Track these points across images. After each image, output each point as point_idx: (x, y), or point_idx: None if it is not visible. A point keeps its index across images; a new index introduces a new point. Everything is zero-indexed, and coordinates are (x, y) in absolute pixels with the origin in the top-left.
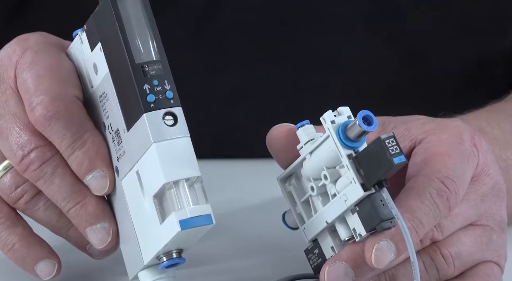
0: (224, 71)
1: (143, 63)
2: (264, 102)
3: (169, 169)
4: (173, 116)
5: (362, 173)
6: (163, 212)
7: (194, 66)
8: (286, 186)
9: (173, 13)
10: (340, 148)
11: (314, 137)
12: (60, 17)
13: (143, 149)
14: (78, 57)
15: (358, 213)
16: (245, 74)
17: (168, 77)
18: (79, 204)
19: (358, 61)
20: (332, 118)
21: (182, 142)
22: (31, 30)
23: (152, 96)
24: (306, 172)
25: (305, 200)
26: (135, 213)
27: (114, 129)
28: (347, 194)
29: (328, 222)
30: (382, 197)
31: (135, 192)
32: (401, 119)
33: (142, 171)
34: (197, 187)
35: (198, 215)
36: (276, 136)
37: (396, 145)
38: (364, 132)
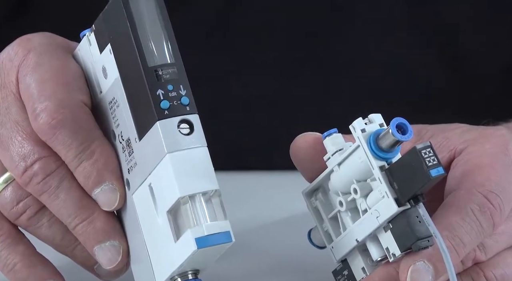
0: (243, 75)
1: (157, 66)
2: (288, 109)
3: (185, 182)
4: (189, 124)
5: (396, 186)
6: (178, 229)
7: (210, 69)
8: (312, 201)
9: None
10: (372, 159)
11: (342, 147)
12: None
13: (156, 160)
14: (86, 59)
15: (391, 231)
16: (266, 79)
17: (184, 81)
18: (86, 220)
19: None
20: (363, 126)
21: (198, 153)
22: (34, 30)
23: (166, 102)
24: (334, 186)
25: (333, 216)
26: (148, 230)
27: (124, 138)
28: (380, 210)
29: (359, 240)
30: (418, 213)
31: (147, 207)
32: (439, 127)
33: (155, 184)
34: (215, 202)
35: (216, 232)
36: (301, 146)
37: (434, 156)
38: (398, 141)
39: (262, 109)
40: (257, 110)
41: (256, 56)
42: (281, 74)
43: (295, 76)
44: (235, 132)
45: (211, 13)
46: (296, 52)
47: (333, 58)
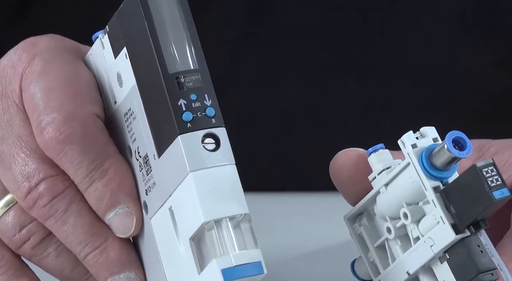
0: (277, 83)
1: (178, 73)
2: (328, 122)
3: (210, 205)
4: (214, 138)
5: (453, 210)
6: (202, 258)
7: (240, 77)
8: (355, 227)
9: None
10: (424, 179)
11: (390, 165)
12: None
13: (178, 180)
14: (99, 65)
15: (448, 262)
16: (304, 87)
17: (209, 90)
18: (98, 248)
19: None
20: (414, 141)
21: (225, 171)
22: (40, 32)
23: (189, 114)
24: (381, 210)
25: (380, 245)
26: (168, 260)
27: (142, 154)
28: (434, 238)
29: (410, 273)
30: (479, 242)
31: (167, 233)
32: (504, 142)
33: (176, 207)
34: (244, 228)
35: (246, 262)
36: (342, 164)
37: (497, 175)
38: (455, 158)
39: (299, 122)
40: (293, 122)
41: (292, 61)
42: (320, 81)
43: (337, 83)
44: (268, 148)
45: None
46: (337, 56)
47: (379, 63)
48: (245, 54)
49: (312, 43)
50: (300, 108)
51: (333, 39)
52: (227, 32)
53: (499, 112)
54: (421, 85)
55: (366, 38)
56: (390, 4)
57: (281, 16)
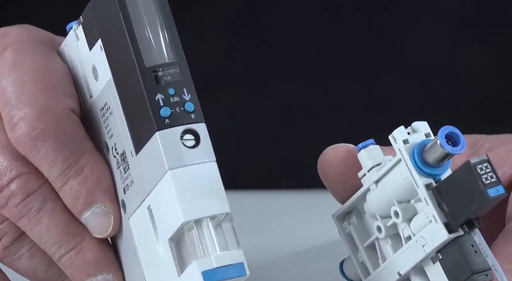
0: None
1: (156, 66)
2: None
3: (189, 204)
4: (194, 134)
5: (445, 209)
6: (182, 260)
7: (233, 74)
8: (344, 226)
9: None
10: (416, 176)
11: (381, 161)
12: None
13: (156, 177)
14: (73, 57)
15: (441, 263)
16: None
17: (188, 84)
18: (74, 249)
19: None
20: (405, 136)
21: (206, 169)
22: (12, 22)
23: (167, 109)
24: (371, 208)
25: (370, 245)
26: (147, 261)
27: (119, 151)
28: (426, 237)
29: (401, 273)
30: (473, 242)
31: (146, 233)
32: (498, 138)
33: (154, 206)
34: (226, 228)
35: (227, 264)
36: (331, 160)
37: (492, 172)
38: (448, 154)
39: (296, 121)
40: (290, 121)
41: (290, 60)
42: (318, 80)
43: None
44: (265, 147)
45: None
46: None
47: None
48: (241, 51)
49: (310, 41)
50: (297, 107)
51: (332, 38)
52: (223, 27)
53: (499, 112)
54: (421, 84)
55: (365, 37)
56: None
57: (279, 13)
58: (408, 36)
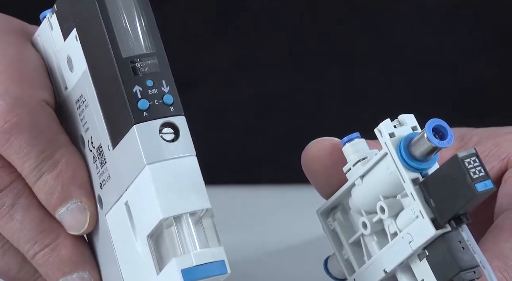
0: (253, 71)
1: (133, 57)
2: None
3: (168, 200)
4: (173, 128)
5: (433, 204)
6: (161, 258)
7: (211, 64)
8: (329, 222)
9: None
10: (402, 171)
11: (366, 155)
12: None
13: (134, 172)
14: (47, 47)
15: (428, 260)
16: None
17: (167, 76)
18: (49, 247)
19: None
20: (392, 130)
21: (185, 163)
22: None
23: (145, 102)
24: (356, 203)
25: (355, 241)
26: (124, 258)
27: (95, 145)
28: (413, 233)
29: (387, 271)
30: (461, 238)
31: (123, 230)
32: (487, 131)
33: (132, 202)
34: (206, 224)
35: (207, 262)
36: (315, 154)
37: (480, 167)
38: (435, 148)
39: (276, 111)
40: (270, 112)
41: (268, 48)
42: (299, 69)
43: (316, 71)
44: (241, 140)
45: None
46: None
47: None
48: (219, 41)
49: (290, 29)
50: (279, 98)
51: (313, 25)
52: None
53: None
54: (405, 73)
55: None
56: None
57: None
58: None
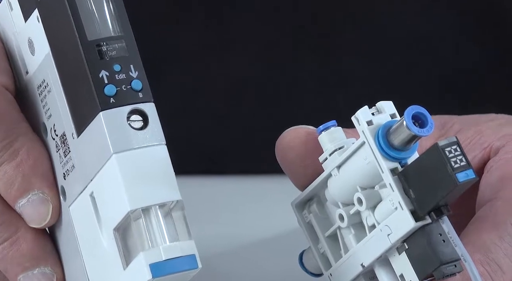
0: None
1: (99, 40)
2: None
3: (136, 191)
4: (142, 115)
5: (412, 195)
6: (128, 252)
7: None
8: (304, 215)
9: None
10: (381, 160)
11: (343, 144)
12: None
13: (100, 162)
14: (7, 29)
15: (407, 253)
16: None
17: (135, 60)
18: (8, 241)
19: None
20: (369, 117)
21: (154, 152)
22: None
23: (112, 87)
24: (333, 195)
25: (332, 234)
26: (89, 253)
27: (59, 133)
28: (392, 226)
29: (365, 265)
30: (441, 230)
31: (88, 223)
32: (469, 119)
33: (98, 193)
34: (177, 217)
35: (177, 256)
36: (289, 143)
37: (461, 156)
38: (415, 136)
39: (248, 99)
40: (242, 99)
41: (241, 33)
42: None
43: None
44: (212, 127)
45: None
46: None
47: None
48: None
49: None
50: (252, 85)
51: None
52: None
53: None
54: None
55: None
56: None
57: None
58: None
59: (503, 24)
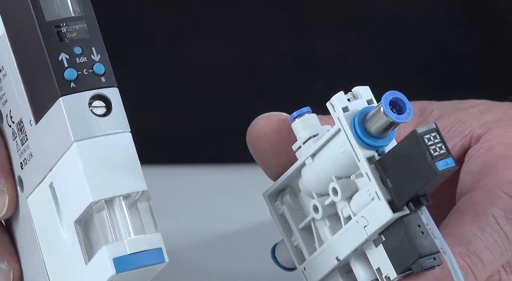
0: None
1: (59, 21)
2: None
3: (99, 181)
4: (105, 101)
5: (390, 185)
6: (90, 245)
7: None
8: (277, 206)
9: None
10: (357, 148)
11: (318, 132)
12: None
13: (60, 150)
14: None
15: (384, 246)
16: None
17: (97, 42)
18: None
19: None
20: (345, 103)
21: (118, 140)
22: None
23: (73, 71)
24: (307, 185)
25: (306, 226)
26: (48, 247)
27: (15, 120)
28: (368, 217)
29: (340, 259)
30: (420, 222)
31: (48, 215)
32: (449, 104)
33: (58, 184)
34: (142, 208)
35: (143, 250)
36: (261, 130)
37: (441, 143)
38: (393, 123)
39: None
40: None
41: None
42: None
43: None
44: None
45: None
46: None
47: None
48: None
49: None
50: (220, 67)
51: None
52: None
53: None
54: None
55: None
56: None
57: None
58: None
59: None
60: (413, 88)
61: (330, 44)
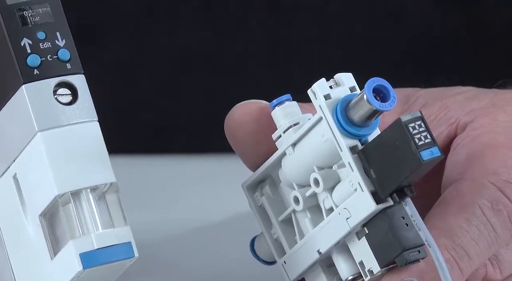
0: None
1: (21, 3)
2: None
3: (65, 172)
4: (70, 88)
5: (373, 175)
6: (56, 240)
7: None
8: (256, 197)
9: None
10: (339, 137)
11: (299, 120)
12: None
13: (23, 141)
14: None
15: (367, 238)
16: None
17: (62, 27)
18: None
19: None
20: (327, 91)
21: (85, 130)
22: None
23: (36, 58)
24: (287, 175)
25: (286, 219)
26: (13, 241)
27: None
28: (351, 209)
29: (322, 252)
30: (404, 213)
31: (11, 208)
32: (434, 92)
33: (22, 175)
34: (110, 200)
35: (111, 244)
36: (240, 119)
37: (426, 132)
38: (376, 111)
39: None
40: (184, 70)
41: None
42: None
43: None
44: (152, 101)
45: None
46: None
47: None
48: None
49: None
50: (195, 53)
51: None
52: None
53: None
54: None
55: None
56: None
57: None
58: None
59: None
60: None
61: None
